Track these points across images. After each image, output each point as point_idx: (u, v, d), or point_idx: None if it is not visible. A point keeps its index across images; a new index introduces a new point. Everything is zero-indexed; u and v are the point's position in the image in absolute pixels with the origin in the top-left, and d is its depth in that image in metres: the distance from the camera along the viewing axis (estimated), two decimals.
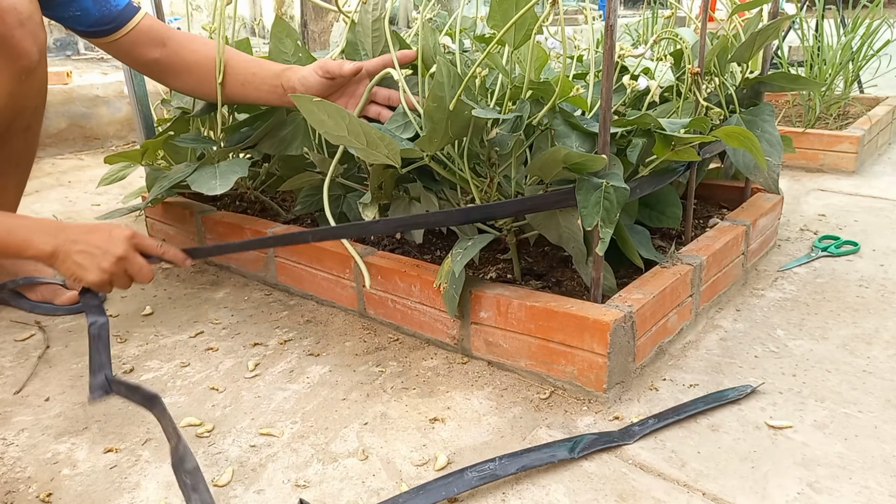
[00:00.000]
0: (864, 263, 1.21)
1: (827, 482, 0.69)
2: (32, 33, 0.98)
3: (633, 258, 0.95)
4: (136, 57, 1.08)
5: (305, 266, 1.14)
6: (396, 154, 0.85)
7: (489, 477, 0.70)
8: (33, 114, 1.09)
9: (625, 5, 7.75)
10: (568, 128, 0.88)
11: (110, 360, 0.89)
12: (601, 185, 0.79)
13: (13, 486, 0.74)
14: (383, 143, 0.83)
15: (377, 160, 0.87)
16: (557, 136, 0.87)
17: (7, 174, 1.14)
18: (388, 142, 0.83)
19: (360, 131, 0.83)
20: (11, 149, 1.10)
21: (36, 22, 0.98)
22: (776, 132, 1.07)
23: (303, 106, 0.84)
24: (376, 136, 0.83)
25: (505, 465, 0.71)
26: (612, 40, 0.76)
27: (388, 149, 0.84)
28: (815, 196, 1.61)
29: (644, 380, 0.88)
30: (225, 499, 0.70)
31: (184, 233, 1.38)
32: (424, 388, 0.89)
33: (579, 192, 0.80)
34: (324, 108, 0.83)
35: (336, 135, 0.85)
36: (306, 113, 0.85)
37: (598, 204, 0.79)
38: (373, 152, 0.86)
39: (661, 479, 0.70)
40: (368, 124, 0.83)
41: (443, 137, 0.84)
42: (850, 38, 1.91)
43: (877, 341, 0.95)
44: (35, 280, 1.17)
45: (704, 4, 0.97)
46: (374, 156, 0.87)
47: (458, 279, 0.88)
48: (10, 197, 1.17)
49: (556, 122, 0.88)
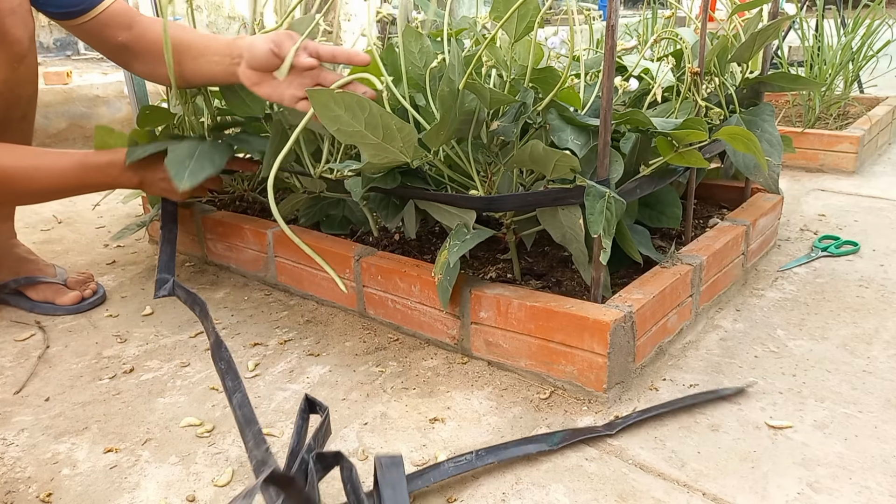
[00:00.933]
0: (864, 263, 1.21)
1: (827, 482, 0.69)
2: (23, 20, 1.00)
3: (633, 254, 0.95)
4: (105, 39, 1.08)
5: (305, 266, 1.14)
6: (412, 145, 0.82)
7: (466, 467, 0.71)
8: (28, 103, 1.10)
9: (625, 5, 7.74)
10: (562, 122, 0.88)
11: (174, 266, 1.12)
12: (605, 193, 0.79)
13: (13, 486, 0.74)
14: (401, 134, 0.80)
15: (386, 159, 0.85)
16: (552, 130, 0.87)
17: None
18: (406, 132, 0.80)
19: (378, 123, 0.79)
20: (9, 139, 1.10)
21: (25, 9, 1.01)
22: (776, 132, 1.07)
23: (316, 101, 0.79)
24: (395, 126, 0.79)
25: (482, 455, 0.72)
26: (614, 40, 0.76)
27: (405, 141, 0.81)
28: (815, 196, 1.61)
29: (644, 380, 0.88)
30: (225, 499, 0.70)
31: (184, 233, 1.38)
32: (424, 388, 0.89)
33: (587, 198, 0.80)
34: (342, 100, 0.78)
35: (350, 131, 0.81)
36: (319, 108, 0.80)
37: (602, 213, 0.79)
38: (387, 147, 0.82)
39: (661, 479, 0.70)
40: (388, 114, 0.79)
41: (449, 129, 0.83)
42: (850, 38, 1.91)
43: (877, 341, 0.95)
44: (36, 280, 1.17)
45: (704, 4, 0.97)
46: (387, 152, 0.83)
47: (453, 270, 0.88)
48: None
49: (550, 117, 0.88)
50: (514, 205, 0.89)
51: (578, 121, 0.87)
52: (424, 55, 0.93)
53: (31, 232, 1.61)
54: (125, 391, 0.91)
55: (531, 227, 0.99)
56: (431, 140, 0.85)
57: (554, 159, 0.80)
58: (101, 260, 1.40)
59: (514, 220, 0.97)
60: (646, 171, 0.94)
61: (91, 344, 1.05)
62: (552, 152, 0.79)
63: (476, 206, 0.91)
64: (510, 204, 0.88)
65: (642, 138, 0.94)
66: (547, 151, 0.79)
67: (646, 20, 2.08)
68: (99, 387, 0.93)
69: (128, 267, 1.36)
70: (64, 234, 1.58)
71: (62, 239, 1.55)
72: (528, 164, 0.86)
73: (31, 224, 1.67)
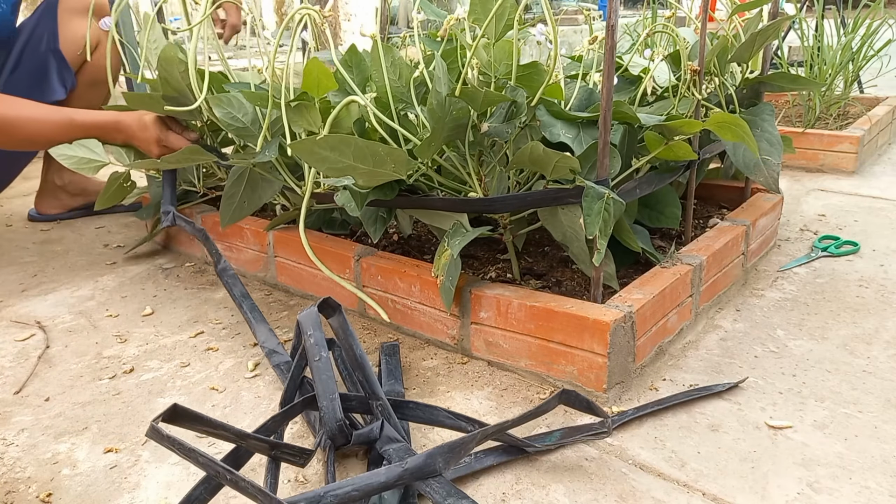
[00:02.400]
0: (864, 263, 1.21)
1: (827, 482, 0.69)
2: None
3: (631, 244, 0.95)
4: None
5: (305, 266, 1.14)
6: (403, 164, 0.84)
7: (464, 469, 0.71)
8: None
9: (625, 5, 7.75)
10: (552, 117, 0.89)
11: (175, 198, 1.27)
12: (604, 195, 0.79)
13: (13, 486, 0.74)
14: (390, 157, 0.82)
15: (381, 180, 0.87)
16: (543, 126, 0.87)
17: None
18: (395, 155, 0.82)
19: (366, 154, 0.82)
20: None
21: None
22: (776, 132, 1.07)
23: (301, 151, 0.83)
24: (383, 152, 0.82)
25: (481, 458, 0.73)
26: (613, 40, 0.76)
27: (395, 162, 0.83)
28: (815, 196, 1.61)
29: (644, 380, 0.88)
30: (224, 499, 0.70)
31: (184, 233, 1.38)
32: (424, 388, 0.89)
33: (585, 198, 0.80)
34: (326, 142, 0.80)
35: (339, 167, 0.83)
36: (305, 156, 0.84)
37: (599, 214, 0.79)
38: (379, 171, 0.84)
39: (661, 479, 0.70)
40: (374, 143, 0.81)
41: (439, 139, 0.84)
42: (850, 38, 1.91)
43: (877, 341, 0.95)
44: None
45: (704, 4, 0.97)
46: (380, 175, 0.85)
47: (454, 269, 0.88)
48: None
49: (539, 113, 0.88)
50: (514, 205, 0.89)
51: (567, 114, 0.88)
52: (397, 67, 0.93)
53: (30, 232, 1.61)
54: (125, 391, 0.91)
55: (527, 226, 0.99)
56: (423, 153, 0.86)
57: (554, 160, 0.80)
58: (101, 260, 1.40)
59: (510, 220, 0.97)
60: (638, 164, 0.94)
61: (91, 344, 1.05)
62: (552, 154, 0.79)
63: (476, 208, 0.91)
64: (510, 204, 0.89)
65: (630, 131, 0.94)
66: (547, 153, 0.79)
67: (646, 20, 2.08)
68: (99, 387, 0.93)
69: (128, 267, 1.36)
70: (64, 234, 1.58)
71: (62, 239, 1.55)
72: (528, 165, 0.87)
73: (30, 224, 1.67)
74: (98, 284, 1.28)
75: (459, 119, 0.84)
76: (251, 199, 1.14)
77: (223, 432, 0.62)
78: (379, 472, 0.62)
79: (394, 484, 0.62)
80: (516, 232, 1.00)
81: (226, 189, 1.14)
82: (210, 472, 0.56)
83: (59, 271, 1.36)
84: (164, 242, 1.47)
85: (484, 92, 0.80)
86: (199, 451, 0.56)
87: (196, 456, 0.56)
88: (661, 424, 0.79)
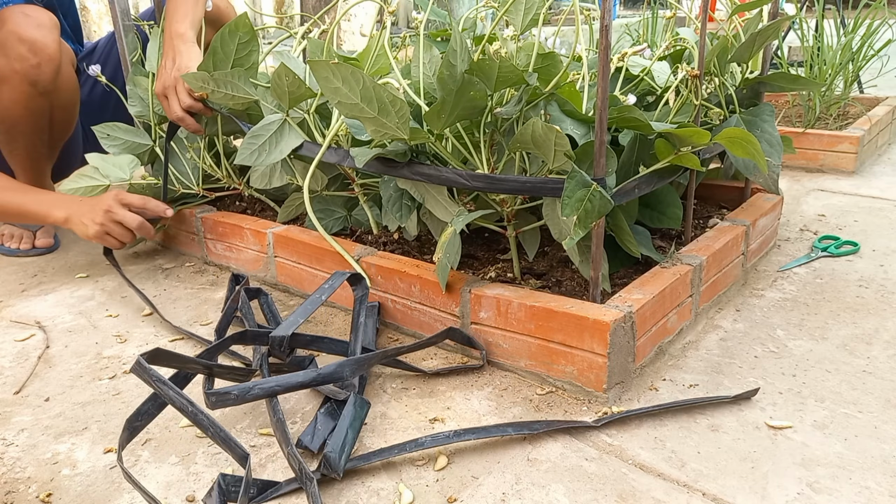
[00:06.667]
0: (864, 263, 1.21)
1: (827, 482, 0.69)
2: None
3: (630, 248, 0.95)
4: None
5: (305, 266, 1.14)
6: (406, 124, 0.85)
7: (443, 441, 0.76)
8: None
9: (625, 5, 7.75)
10: (563, 114, 0.89)
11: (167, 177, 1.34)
12: (590, 185, 0.79)
13: (13, 486, 0.74)
14: (393, 108, 0.83)
15: (385, 133, 0.87)
16: (552, 121, 0.87)
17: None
18: (398, 107, 0.83)
19: (373, 96, 0.83)
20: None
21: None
22: (776, 132, 1.07)
23: (317, 72, 0.84)
24: (388, 101, 0.83)
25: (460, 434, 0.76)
26: (607, 40, 0.76)
27: (399, 116, 0.84)
28: (815, 196, 1.61)
29: (644, 380, 0.88)
30: None
31: (183, 233, 1.38)
32: (424, 389, 0.89)
33: (569, 181, 0.79)
34: (339, 71, 0.82)
35: (349, 103, 0.85)
36: (320, 81, 0.85)
37: (580, 202, 0.78)
38: (383, 121, 0.85)
39: (661, 479, 0.70)
40: (380, 86, 0.83)
41: (450, 113, 0.84)
42: (850, 38, 1.91)
43: (877, 341, 0.95)
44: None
45: (704, 4, 0.97)
46: (384, 126, 0.86)
47: (454, 245, 0.88)
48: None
49: (551, 109, 0.88)
50: (514, 187, 0.88)
51: (579, 114, 0.88)
52: (434, 64, 0.97)
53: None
54: (125, 391, 0.91)
55: (530, 224, 0.99)
56: (432, 121, 0.85)
57: (552, 137, 0.79)
58: (101, 260, 1.40)
59: (514, 209, 0.97)
60: (645, 171, 0.94)
61: (91, 344, 1.05)
62: (550, 129, 0.78)
63: (478, 184, 0.90)
64: (510, 185, 0.88)
65: (641, 138, 0.94)
66: (546, 129, 0.78)
67: (646, 20, 2.08)
68: (99, 387, 0.93)
69: (128, 267, 1.36)
70: (63, 233, 1.58)
71: (62, 239, 1.55)
72: (529, 146, 0.86)
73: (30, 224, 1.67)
74: (98, 284, 1.28)
75: (476, 101, 0.84)
76: (273, 148, 1.08)
77: (193, 365, 0.79)
78: (298, 374, 0.77)
79: (309, 384, 0.77)
80: (520, 228, 1.00)
81: (252, 130, 1.08)
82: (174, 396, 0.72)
83: (59, 271, 1.36)
84: (164, 242, 1.47)
85: (498, 65, 0.81)
86: (170, 385, 0.72)
87: (167, 389, 0.71)
88: (660, 424, 0.79)
